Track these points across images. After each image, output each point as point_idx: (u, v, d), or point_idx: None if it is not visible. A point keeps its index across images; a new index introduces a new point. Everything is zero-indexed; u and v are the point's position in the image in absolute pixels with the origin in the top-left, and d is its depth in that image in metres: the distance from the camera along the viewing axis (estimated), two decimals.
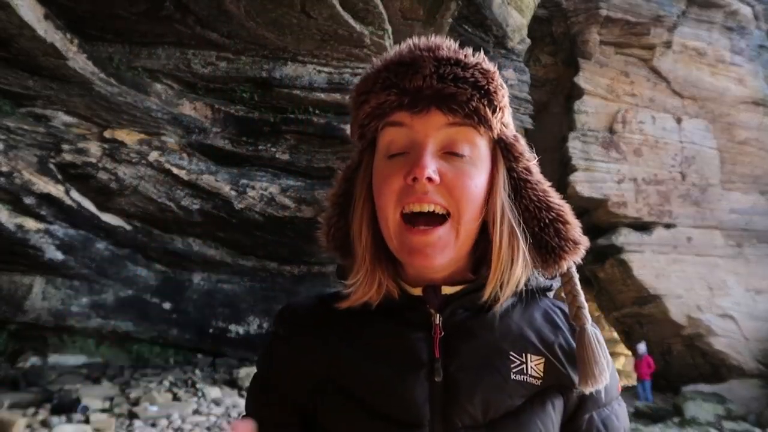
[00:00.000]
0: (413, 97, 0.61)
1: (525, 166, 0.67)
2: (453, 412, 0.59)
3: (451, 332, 0.63)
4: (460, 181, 0.61)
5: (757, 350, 9.66)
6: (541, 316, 0.67)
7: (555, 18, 10.64)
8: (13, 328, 6.16)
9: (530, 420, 0.60)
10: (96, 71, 4.94)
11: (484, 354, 0.62)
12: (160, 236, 6.41)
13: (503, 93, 0.64)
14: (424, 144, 0.60)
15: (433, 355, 0.62)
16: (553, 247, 0.65)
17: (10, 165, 4.98)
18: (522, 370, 0.62)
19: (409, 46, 0.64)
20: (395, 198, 0.61)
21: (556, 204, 0.66)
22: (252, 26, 5.16)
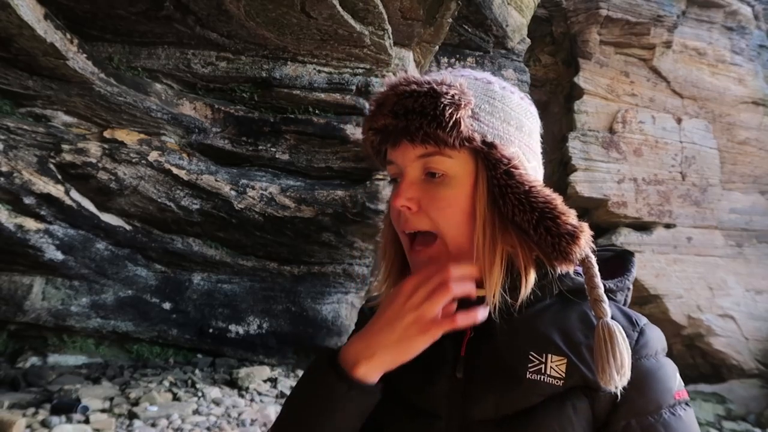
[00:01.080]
0: (383, 135, 0.68)
1: (504, 171, 0.66)
2: (469, 407, 0.64)
3: (480, 333, 0.68)
4: (433, 203, 0.66)
5: (757, 350, 9.66)
6: (576, 318, 0.68)
7: (555, 18, 10.64)
8: (12, 328, 6.16)
9: (544, 420, 0.60)
10: (96, 71, 4.94)
11: (504, 354, 0.66)
12: (160, 236, 6.41)
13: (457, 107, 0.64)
14: (404, 174, 0.68)
15: (459, 353, 0.68)
16: (548, 244, 0.65)
17: (9, 165, 4.98)
18: (540, 370, 0.63)
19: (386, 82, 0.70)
20: (395, 221, 0.71)
21: (540, 203, 0.65)
22: (252, 26, 5.16)
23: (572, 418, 0.61)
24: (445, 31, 6.36)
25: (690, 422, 0.63)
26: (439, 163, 0.66)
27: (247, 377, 6.05)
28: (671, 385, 0.64)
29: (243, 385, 5.98)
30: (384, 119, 0.67)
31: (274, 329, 6.94)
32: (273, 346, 6.91)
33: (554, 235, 0.64)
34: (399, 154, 0.68)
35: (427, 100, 0.64)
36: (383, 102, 0.68)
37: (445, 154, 0.66)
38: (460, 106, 0.64)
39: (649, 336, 0.67)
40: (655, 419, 0.61)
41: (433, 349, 0.64)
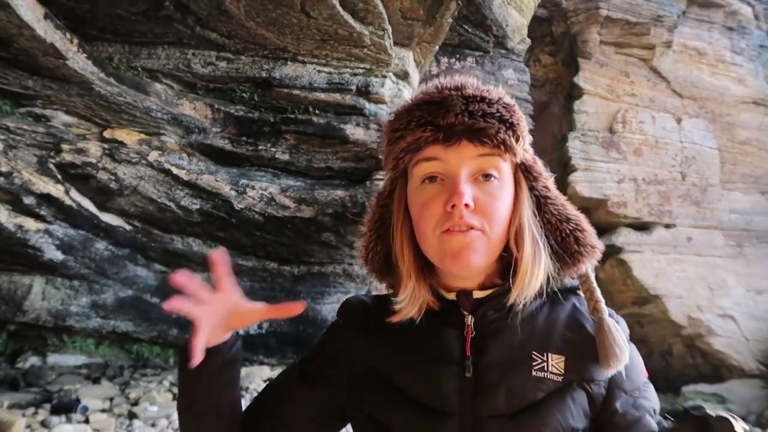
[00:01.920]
0: (446, 132, 0.69)
1: (544, 185, 0.77)
2: (480, 404, 0.68)
3: (481, 332, 0.72)
4: (490, 203, 0.69)
5: (757, 350, 9.65)
6: (565, 317, 0.76)
7: (555, 18, 10.64)
8: (12, 328, 6.15)
9: (549, 412, 0.68)
10: (96, 71, 4.93)
11: (509, 353, 0.71)
12: (160, 236, 6.40)
13: (524, 123, 0.74)
14: (459, 172, 0.69)
15: (465, 353, 0.71)
16: (573, 252, 0.74)
17: (9, 165, 4.98)
18: (543, 368, 0.70)
19: (436, 86, 0.73)
20: (435, 221, 0.69)
21: (574, 215, 0.77)
22: (252, 26, 5.16)
23: (572, 408, 0.69)
24: (445, 31, 6.36)
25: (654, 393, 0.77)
26: (496, 166, 0.70)
27: (247, 377, 6.05)
28: (642, 366, 0.78)
29: (243, 385, 5.98)
30: (452, 118, 0.69)
31: (274, 329, 6.94)
32: (273, 346, 6.91)
33: (581, 244, 0.75)
34: (454, 152, 0.69)
35: (503, 108, 0.71)
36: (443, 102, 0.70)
37: (501, 159, 0.71)
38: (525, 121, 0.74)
39: (623, 326, 0.77)
40: (637, 395, 0.73)
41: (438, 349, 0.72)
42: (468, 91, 0.71)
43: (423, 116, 0.70)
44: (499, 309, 0.73)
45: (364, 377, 0.75)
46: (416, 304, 0.73)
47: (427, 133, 0.69)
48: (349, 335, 0.80)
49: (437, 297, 0.75)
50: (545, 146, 10.74)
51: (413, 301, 0.73)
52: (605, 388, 0.71)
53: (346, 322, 0.83)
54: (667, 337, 10.15)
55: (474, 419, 0.68)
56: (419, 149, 0.71)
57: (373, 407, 0.73)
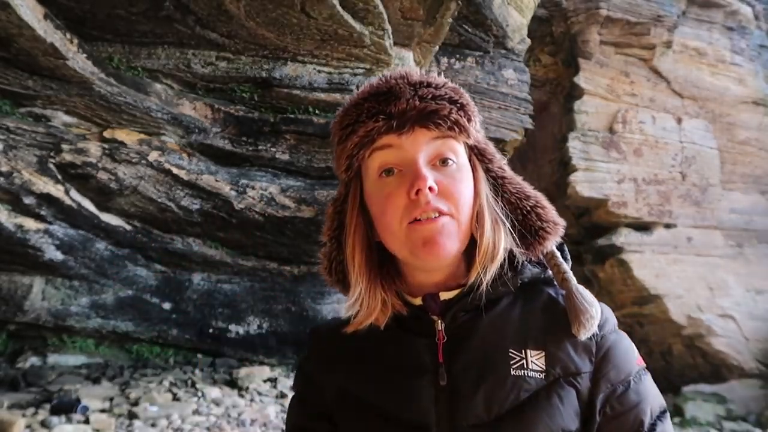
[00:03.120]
0: (399, 119, 0.67)
1: (499, 166, 0.75)
2: (458, 413, 0.63)
3: (452, 336, 0.68)
4: (453, 186, 0.67)
5: (757, 350, 9.65)
6: (540, 309, 0.71)
7: (555, 18, 10.64)
8: (12, 328, 6.16)
9: (534, 414, 0.62)
10: (96, 71, 4.93)
11: (484, 354, 0.66)
12: (160, 236, 6.41)
13: (473, 104, 0.73)
14: (416, 158, 0.66)
15: (437, 360, 0.67)
16: (536, 230, 0.72)
17: (9, 165, 4.98)
18: (522, 366, 0.65)
19: (380, 78, 0.72)
20: (401, 212, 0.66)
21: (533, 193, 0.75)
22: (252, 26, 5.16)
23: (560, 408, 0.63)
24: (445, 31, 6.36)
25: (651, 384, 0.71)
26: (452, 150, 0.69)
27: (247, 377, 6.05)
28: (634, 354, 0.72)
29: (243, 385, 5.98)
30: (403, 104, 0.67)
31: (274, 329, 6.94)
32: (273, 346, 6.91)
33: (543, 220, 0.73)
34: (409, 140, 0.67)
35: (452, 91, 0.71)
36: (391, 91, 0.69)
37: (456, 142, 0.70)
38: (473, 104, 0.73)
39: (607, 313, 0.73)
40: (626, 386, 0.67)
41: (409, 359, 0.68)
42: (414, 78, 0.71)
43: (373, 107, 0.68)
44: (469, 309, 0.69)
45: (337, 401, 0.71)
46: (371, 311, 0.69)
47: (380, 122, 0.67)
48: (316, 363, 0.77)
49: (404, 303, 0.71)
50: (545, 146, 10.74)
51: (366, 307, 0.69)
52: (591, 379, 0.66)
53: (312, 349, 0.79)
54: (667, 337, 10.15)
55: (453, 430, 0.63)
56: (372, 141, 0.68)
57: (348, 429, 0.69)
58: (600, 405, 0.66)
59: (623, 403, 0.66)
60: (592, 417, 0.65)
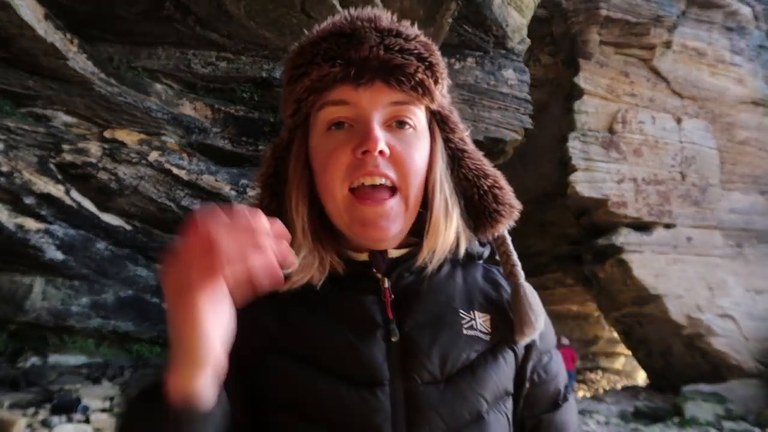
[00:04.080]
0: (358, 68, 0.60)
1: (461, 137, 0.69)
2: (412, 369, 0.60)
3: (400, 295, 0.64)
4: (406, 153, 0.61)
5: (756, 350, 9.66)
6: (481, 277, 0.71)
7: (555, 18, 10.64)
8: (13, 328, 6.16)
9: (485, 372, 0.62)
10: (96, 71, 4.94)
11: (436, 313, 0.64)
12: (160, 236, 6.41)
13: (443, 64, 0.66)
14: (371, 116, 0.60)
15: (387, 316, 0.63)
16: (491, 211, 0.68)
17: (10, 165, 4.98)
18: (472, 326, 0.64)
19: (346, 16, 0.64)
20: (343, 172, 0.60)
21: (492, 172, 0.70)
22: (252, 26, 5.17)
23: (504, 368, 0.65)
24: (445, 31, 6.36)
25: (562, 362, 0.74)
26: (412, 114, 0.63)
27: None
28: (553, 333, 0.74)
29: None
30: (366, 51, 0.60)
31: None
32: None
33: (500, 202, 0.69)
34: (367, 95, 0.60)
35: (422, 46, 0.63)
36: (355, 34, 0.61)
37: (418, 105, 0.63)
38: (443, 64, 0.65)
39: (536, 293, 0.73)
40: (548, 357, 0.71)
41: (356, 315, 0.63)
42: (383, 24, 0.63)
43: (331, 49, 0.61)
44: (414, 271, 0.66)
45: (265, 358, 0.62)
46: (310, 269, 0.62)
47: (336, 68, 0.60)
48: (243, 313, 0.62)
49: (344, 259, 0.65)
50: (545, 146, 10.75)
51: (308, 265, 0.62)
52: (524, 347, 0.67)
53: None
54: (667, 336, 10.16)
55: (406, 386, 0.60)
56: (326, 89, 0.61)
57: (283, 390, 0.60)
58: (529, 372, 0.68)
59: (548, 371, 0.69)
60: (522, 382, 0.67)
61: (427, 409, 0.59)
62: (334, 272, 0.64)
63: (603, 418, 8.62)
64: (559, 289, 14.63)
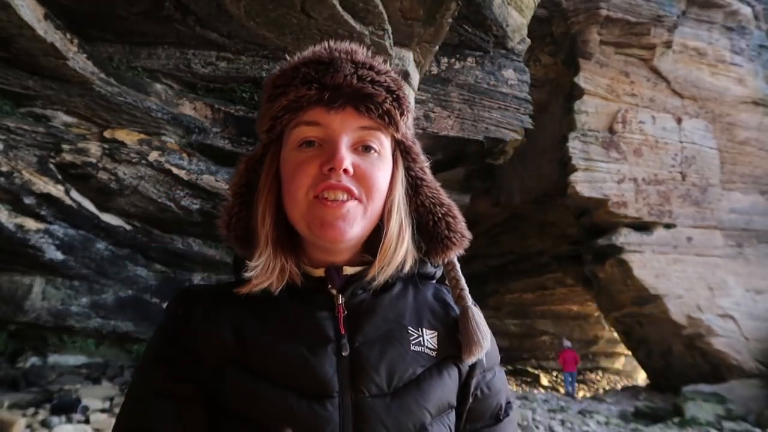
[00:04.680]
0: (332, 93, 0.66)
1: (421, 167, 0.76)
2: (360, 383, 0.64)
3: (353, 311, 0.69)
4: (369, 172, 0.67)
5: (757, 350, 9.66)
6: (431, 297, 0.77)
7: (555, 18, 10.64)
8: (12, 328, 6.16)
9: (430, 387, 0.67)
10: (96, 71, 4.94)
11: (385, 329, 0.69)
12: (160, 236, 6.41)
13: (410, 100, 0.74)
14: (339, 139, 0.66)
15: (339, 331, 0.67)
16: (443, 237, 0.74)
17: (9, 165, 4.98)
18: (419, 342, 0.69)
19: (325, 47, 0.71)
20: (308, 183, 0.65)
21: (447, 202, 0.77)
22: (252, 26, 5.16)
23: (449, 383, 0.69)
24: (445, 31, 6.36)
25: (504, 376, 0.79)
26: (377, 140, 0.68)
27: None
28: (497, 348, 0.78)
29: None
30: (340, 78, 0.66)
31: None
32: None
33: (452, 230, 0.75)
34: (338, 118, 0.66)
35: (391, 80, 0.70)
36: (332, 63, 0.68)
37: (384, 133, 0.69)
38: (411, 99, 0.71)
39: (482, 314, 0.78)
40: (492, 374, 0.76)
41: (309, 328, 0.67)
42: (358, 57, 0.70)
43: (309, 73, 0.67)
44: (367, 288, 0.71)
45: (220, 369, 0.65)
46: (271, 276, 0.67)
47: (312, 91, 0.66)
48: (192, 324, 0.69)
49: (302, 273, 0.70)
50: (545, 146, 10.75)
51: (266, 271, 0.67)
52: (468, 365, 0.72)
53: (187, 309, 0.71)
54: (667, 336, 10.16)
55: (355, 399, 0.63)
56: (301, 109, 0.67)
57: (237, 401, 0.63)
58: (473, 388, 0.72)
59: (491, 387, 0.74)
60: (465, 398, 0.72)
61: (374, 420, 0.63)
62: (291, 283, 0.69)
63: (603, 418, 8.62)
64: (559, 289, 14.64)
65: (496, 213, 13.01)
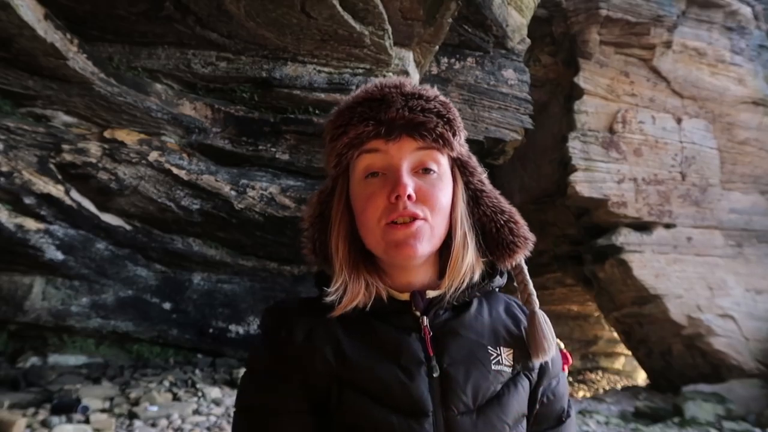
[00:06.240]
0: (388, 126, 0.72)
1: (479, 179, 0.82)
2: (451, 402, 0.70)
3: (437, 332, 0.74)
4: (431, 193, 0.72)
5: (757, 350, 9.66)
6: (503, 312, 0.81)
7: (555, 18, 10.64)
8: (13, 328, 6.16)
9: (509, 401, 0.73)
10: (96, 71, 4.94)
11: (468, 350, 0.74)
12: (160, 236, 6.41)
13: (460, 119, 0.78)
14: (400, 165, 0.72)
15: (428, 353, 0.72)
16: (508, 243, 0.79)
17: (10, 165, 4.98)
18: (498, 361, 0.75)
19: (375, 85, 0.77)
20: (379, 214, 0.71)
21: (508, 208, 0.81)
22: (252, 26, 5.16)
23: (523, 395, 0.75)
24: (445, 31, 6.36)
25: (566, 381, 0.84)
26: (435, 160, 0.74)
27: None
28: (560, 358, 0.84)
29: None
30: (393, 113, 0.72)
31: None
32: None
33: (515, 235, 0.79)
34: (395, 146, 0.72)
35: (441, 105, 0.75)
36: (384, 99, 0.74)
37: (440, 153, 0.75)
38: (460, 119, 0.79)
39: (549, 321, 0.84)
40: (556, 381, 0.81)
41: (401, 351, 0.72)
42: (407, 89, 0.75)
43: (365, 112, 0.73)
44: (448, 309, 0.76)
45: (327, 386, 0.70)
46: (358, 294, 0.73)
47: (369, 127, 0.72)
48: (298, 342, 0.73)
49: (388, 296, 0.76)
50: (545, 146, 10.75)
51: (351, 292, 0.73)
52: (537, 374, 0.78)
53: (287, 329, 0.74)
54: (667, 337, 10.16)
55: (446, 416, 0.70)
56: (362, 143, 0.73)
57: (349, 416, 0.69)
58: (540, 395, 0.78)
59: (555, 393, 0.80)
60: (533, 404, 0.78)
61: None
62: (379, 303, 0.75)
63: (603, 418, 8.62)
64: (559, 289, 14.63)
65: None
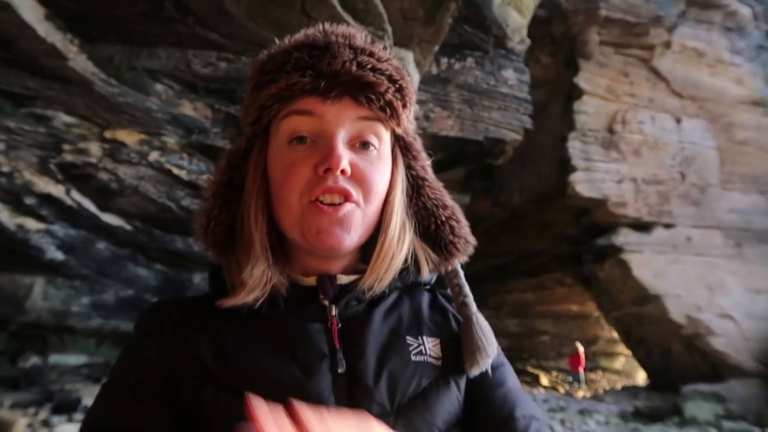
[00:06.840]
0: (329, 81, 0.58)
1: (422, 165, 0.68)
2: (360, 402, 0.57)
3: (347, 323, 0.62)
4: (368, 173, 0.60)
5: (756, 350, 9.67)
6: (427, 305, 0.69)
7: (555, 18, 10.66)
8: (13, 328, 6.17)
9: (437, 400, 0.60)
10: (96, 71, 4.95)
11: (382, 342, 0.62)
12: (161, 236, 6.42)
13: (413, 91, 0.64)
14: (335, 133, 0.59)
15: (334, 346, 0.60)
16: (447, 243, 0.67)
17: (10, 165, 4.99)
18: (421, 352, 0.63)
19: (320, 30, 0.63)
20: (302, 186, 0.58)
21: (451, 204, 0.69)
22: (252, 27, 5.17)
23: (456, 393, 0.63)
24: (445, 31, 6.37)
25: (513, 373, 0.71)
26: (377, 135, 0.61)
27: None
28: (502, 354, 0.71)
29: None
30: (338, 65, 0.58)
31: None
32: None
33: (456, 235, 0.68)
34: (334, 109, 0.59)
35: (394, 70, 0.62)
36: (328, 47, 0.60)
37: (384, 127, 0.62)
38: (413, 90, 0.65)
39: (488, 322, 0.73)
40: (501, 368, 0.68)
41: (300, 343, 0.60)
42: (357, 42, 0.62)
43: (303, 59, 0.59)
44: (361, 299, 0.64)
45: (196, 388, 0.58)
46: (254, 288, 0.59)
47: (306, 78, 0.58)
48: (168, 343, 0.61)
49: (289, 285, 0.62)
50: (545, 146, 10.76)
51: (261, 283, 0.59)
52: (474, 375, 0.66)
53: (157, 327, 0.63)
54: (667, 336, 10.17)
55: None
56: (292, 98, 0.59)
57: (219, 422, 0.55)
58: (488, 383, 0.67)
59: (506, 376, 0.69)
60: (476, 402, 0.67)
61: None
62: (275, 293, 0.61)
63: (603, 418, 8.63)
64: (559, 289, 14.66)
65: (496, 213, 13.03)
